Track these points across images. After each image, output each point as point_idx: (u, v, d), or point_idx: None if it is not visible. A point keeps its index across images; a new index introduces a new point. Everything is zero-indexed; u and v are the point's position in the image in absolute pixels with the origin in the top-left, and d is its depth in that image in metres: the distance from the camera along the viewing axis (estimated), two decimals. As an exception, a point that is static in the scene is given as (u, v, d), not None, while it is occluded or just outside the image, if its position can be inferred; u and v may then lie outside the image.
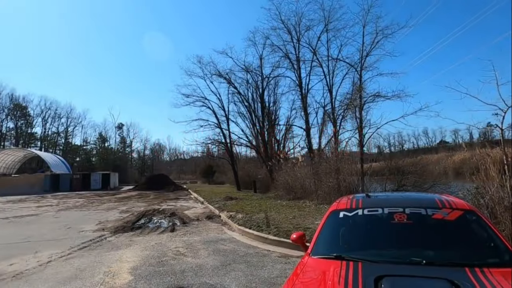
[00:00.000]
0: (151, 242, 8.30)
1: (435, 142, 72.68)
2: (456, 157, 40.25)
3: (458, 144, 56.53)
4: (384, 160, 21.57)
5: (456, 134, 68.85)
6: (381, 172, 16.76)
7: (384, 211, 2.89)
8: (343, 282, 2.05)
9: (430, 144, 72.93)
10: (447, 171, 33.68)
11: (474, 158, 9.14)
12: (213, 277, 5.29)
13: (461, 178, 19.16)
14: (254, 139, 27.79)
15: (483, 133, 39.08)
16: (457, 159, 38.35)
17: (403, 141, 73.87)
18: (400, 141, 73.09)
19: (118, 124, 70.41)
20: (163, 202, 20.09)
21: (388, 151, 52.01)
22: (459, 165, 32.53)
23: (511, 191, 6.77)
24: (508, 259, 2.32)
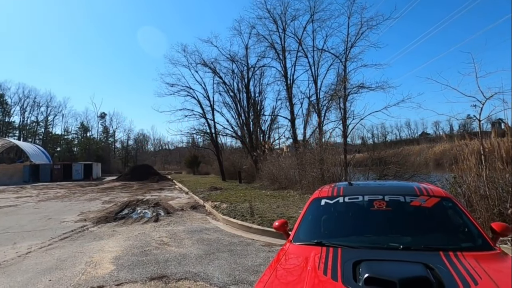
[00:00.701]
0: (134, 232, 8.23)
1: (417, 134, 74.29)
2: (436, 149, 41.30)
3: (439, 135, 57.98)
4: (368, 151, 21.93)
5: (437, 126, 70.51)
6: (364, 163, 17.05)
7: (365, 198, 2.94)
8: (323, 267, 2.08)
9: (412, 135, 74.51)
10: (428, 162, 34.55)
11: (453, 150, 9.41)
12: (197, 265, 5.31)
13: (441, 169, 19.68)
14: (239, 130, 27.73)
15: (463, 125, 40.20)
16: (438, 150, 39.37)
17: (386, 132, 75.22)
18: (383, 133, 74.40)
19: (100, 113, 68.93)
20: (147, 193, 19.91)
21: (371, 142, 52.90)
22: (439, 156, 33.41)
23: (487, 181, 7.01)
24: (481, 243, 2.40)
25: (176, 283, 4.53)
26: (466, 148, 8.50)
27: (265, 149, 20.70)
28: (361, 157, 22.34)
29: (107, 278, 4.81)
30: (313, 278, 1.96)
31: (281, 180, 15.83)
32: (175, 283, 4.53)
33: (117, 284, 4.54)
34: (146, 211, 12.05)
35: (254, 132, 26.21)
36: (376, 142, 63.68)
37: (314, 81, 20.90)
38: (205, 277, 4.74)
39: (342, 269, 1.99)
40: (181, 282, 4.58)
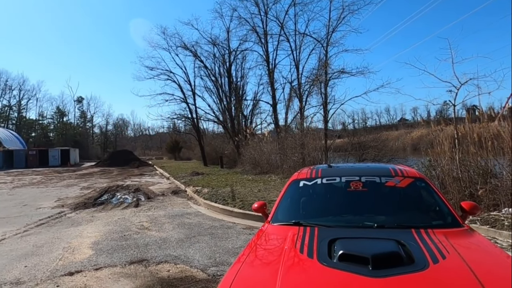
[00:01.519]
0: (114, 217, 8.14)
1: (396, 120, 75.94)
2: (414, 134, 42.47)
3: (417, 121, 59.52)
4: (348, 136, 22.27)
5: (415, 112, 72.27)
6: (344, 148, 17.34)
7: (342, 179, 2.99)
8: (299, 245, 2.12)
9: (391, 121, 76.10)
10: (405, 147, 35.52)
11: (430, 135, 9.70)
12: (177, 249, 5.31)
13: (418, 153, 20.26)
14: (221, 115, 27.52)
15: (440, 111, 41.33)
16: (415, 135, 40.49)
17: (367, 118, 76.39)
18: (363, 118, 75.55)
19: (77, 97, 66.79)
20: (127, 178, 19.63)
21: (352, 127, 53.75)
22: (416, 142, 34.41)
23: (460, 164, 7.28)
24: (451, 221, 2.51)
25: (156, 266, 4.53)
26: (441, 133, 8.78)
27: (247, 134, 20.67)
28: (342, 142, 22.68)
29: (86, 263, 4.76)
30: (289, 256, 2.00)
31: (263, 165, 15.92)
32: (155, 266, 4.53)
33: (96, 269, 4.50)
34: (126, 197, 11.91)
35: (236, 117, 26.06)
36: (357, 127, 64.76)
37: (296, 66, 20.88)
38: (186, 260, 4.76)
39: (318, 247, 2.03)
40: (161, 265, 4.58)
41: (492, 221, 5.71)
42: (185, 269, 4.39)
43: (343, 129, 24.92)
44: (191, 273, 4.24)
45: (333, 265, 1.81)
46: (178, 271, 4.35)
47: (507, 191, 6.29)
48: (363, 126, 65.36)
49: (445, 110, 37.78)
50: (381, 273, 1.66)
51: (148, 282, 4.01)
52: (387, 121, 77.70)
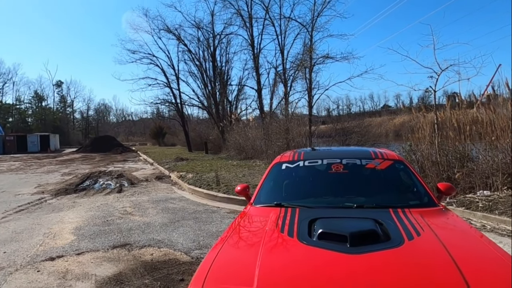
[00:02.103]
0: (96, 203, 8.04)
1: (380, 106, 76.95)
2: (396, 120, 43.21)
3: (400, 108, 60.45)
4: (332, 122, 22.46)
5: (398, 98, 73.30)
6: (328, 133, 17.54)
7: (323, 162, 3.03)
8: (280, 225, 2.15)
9: (375, 108, 77.10)
10: (388, 133, 36.21)
11: (412, 121, 9.91)
12: (161, 233, 5.32)
13: (400, 139, 20.72)
14: (205, 100, 27.20)
15: (421, 98, 42.10)
16: (398, 122, 41.22)
17: (351, 104, 77.17)
18: (348, 105, 76.26)
19: (56, 81, 64.58)
20: (110, 164, 19.33)
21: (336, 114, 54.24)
22: (399, 128, 35.06)
23: (439, 148, 7.48)
24: (427, 201, 2.59)
25: (139, 250, 4.53)
26: (422, 118, 8.97)
27: (232, 120, 20.58)
28: (326, 128, 22.89)
29: (67, 248, 4.71)
30: (270, 236, 2.03)
31: (248, 150, 15.95)
32: (138, 250, 4.53)
33: (77, 254, 4.46)
34: (109, 182, 11.75)
35: (221, 102, 25.84)
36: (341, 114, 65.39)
37: (281, 51, 20.74)
38: (169, 243, 4.78)
39: (298, 227, 2.07)
40: (145, 249, 4.58)
41: (468, 203, 5.94)
42: (169, 253, 4.41)
43: (328, 115, 25.15)
44: (175, 256, 4.26)
45: (312, 243, 1.85)
46: (161, 254, 4.36)
47: (482, 174, 6.54)
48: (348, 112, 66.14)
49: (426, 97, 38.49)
50: (358, 250, 1.70)
51: (132, 265, 4.01)
52: (370, 107, 78.73)
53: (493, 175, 6.35)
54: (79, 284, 3.55)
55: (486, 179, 6.43)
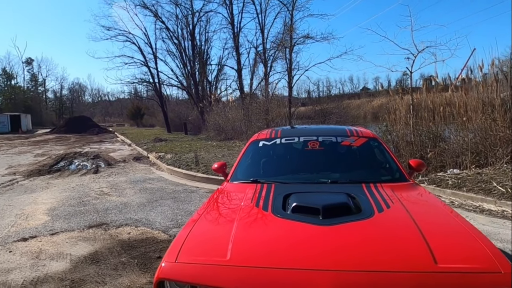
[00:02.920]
0: (71, 184, 7.85)
1: (359, 89, 77.81)
2: (375, 103, 43.96)
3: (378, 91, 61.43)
4: (312, 104, 22.61)
5: (377, 81, 74.25)
6: (308, 114, 17.68)
7: (300, 139, 3.06)
8: (256, 200, 2.17)
9: (354, 90, 77.88)
10: (366, 115, 36.87)
11: (389, 103, 10.11)
12: (139, 212, 5.28)
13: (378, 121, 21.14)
14: (185, 80, 26.64)
15: (400, 80, 42.87)
16: (376, 104, 41.96)
17: (331, 86, 77.62)
18: (328, 87, 76.71)
19: (26, 58, 61.25)
20: (85, 145, 18.82)
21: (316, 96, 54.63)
22: (377, 110, 35.74)
23: (413, 128, 7.70)
24: (398, 176, 2.67)
25: (116, 230, 4.49)
26: (398, 99, 9.17)
27: (211, 100, 20.33)
28: (306, 109, 23.05)
29: (41, 228, 4.61)
30: (245, 210, 2.05)
31: (228, 131, 15.88)
32: (115, 230, 4.49)
33: (51, 234, 4.37)
34: (85, 164, 11.46)
35: (200, 82, 25.38)
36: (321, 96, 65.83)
37: (261, 30, 20.43)
38: (147, 222, 4.76)
39: (273, 202, 2.09)
40: (122, 228, 4.55)
41: (438, 181, 6.19)
42: (146, 231, 4.40)
43: (308, 97, 25.26)
44: (152, 235, 4.26)
45: (286, 216, 1.88)
46: (139, 233, 4.34)
47: (453, 153, 6.80)
48: (328, 94, 66.60)
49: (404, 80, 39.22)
50: (329, 222, 1.75)
51: (108, 244, 3.98)
52: (350, 89, 79.44)
53: (463, 154, 6.62)
54: (53, 263, 3.49)
55: (456, 158, 6.69)
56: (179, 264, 1.55)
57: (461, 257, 1.49)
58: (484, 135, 6.57)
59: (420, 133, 7.69)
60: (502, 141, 6.31)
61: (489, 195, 5.28)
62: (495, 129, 6.48)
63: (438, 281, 1.36)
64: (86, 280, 3.12)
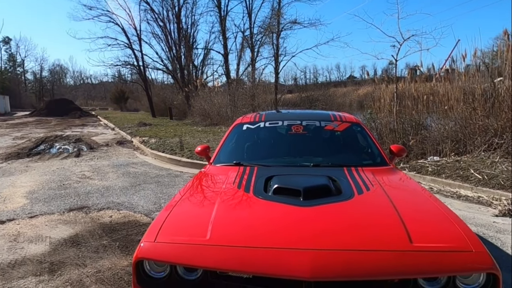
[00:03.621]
0: (52, 167, 7.67)
1: (345, 77, 78.17)
2: (360, 91, 44.35)
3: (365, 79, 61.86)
4: (298, 91, 22.60)
5: (363, 69, 74.70)
6: (294, 101, 17.69)
7: (284, 123, 3.06)
8: (238, 182, 2.17)
9: (340, 78, 78.19)
10: (352, 103, 37.20)
11: (375, 92, 10.21)
12: (121, 196, 5.22)
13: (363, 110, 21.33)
14: (170, 64, 26.11)
15: (385, 69, 43.26)
16: (362, 92, 42.32)
17: (318, 74, 77.70)
18: (315, 74, 76.76)
19: (3, 37, 58.69)
20: (67, 129, 18.35)
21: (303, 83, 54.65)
22: (363, 98, 36.08)
23: (396, 116, 7.81)
24: (379, 161, 2.71)
25: (98, 213, 4.43)
26: (384, 87, 9.26)
27: (197, 85, 20.04)
28: (292, 96, 23.03)
29: (19, 211, 4.50)
30: (227, 192, 2.04)
31: (213, 116, 15.75)
32: (96, 213, 4.43)
33: (30, 217, 4.28)
34: (66, 147, 11.19)
35: (186, 66, 24.95)
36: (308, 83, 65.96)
37: (248, 14, 20.14)
38: (129, 206, 4.71)
39: (255, 184, 2.10)
40: (103, 211, 4.49)
41: (419, 167, 6.34)
42: (129, 215, 4.36)
43: (295, 84, 25.23)
44: (135, 218, 4.23)
45: (267, 197, 1.89)
46: (121, 216, 4.30)
47: (434, 141, 6.95)
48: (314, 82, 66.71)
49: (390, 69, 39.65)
50: (310, 203, 1.76)
51: (89, 227, 3.93)
52: (337, 77, 79.73)
53: (443, 142, 6.77)
54: (32, 246, 3.43)
55: (437, 146, 6.85)
56: (158, 243, 1.54)
57: (436, 237, 1.53)
58: (464, 123, 6.73)
59: (403, 121, 7.82)
60: (480, 130, 6.48)
61: (467, 181, 5.44)
62: (474, 118, 6.64)
63: (413, 259, 1.40)
64: (66, 263, 3.08)
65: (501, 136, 6.11)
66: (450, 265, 1.39)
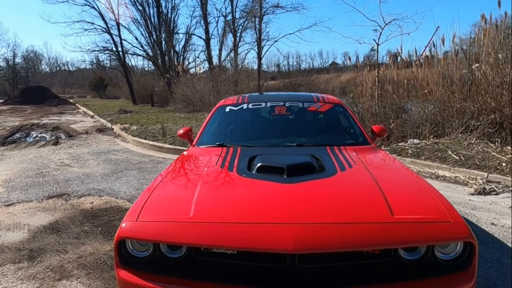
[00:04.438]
0: (28, 155, 7.43)
1: (328, 63, 78.45)
2: (343, 77, 44.65)
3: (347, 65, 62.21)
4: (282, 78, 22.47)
5: (346, 56, 75.14)
6: (277, 87, 17.63)
7: (267, 104, 3.05)
8: (221, 162, 2.15)
9: (323, 64, 78.41)
10: (334, 89, 37.44)
11: (357, 78, 10.29)
12: (102, 183, 5.11)
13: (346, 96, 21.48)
14: (150, 50, 25.43)
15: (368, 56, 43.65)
16: (344, 79, 42.61)
17: (301, 61, 77.62)
18: (298, 61, 76.70)
19: (-29, 22, 55.56)
20: (44, 117, 17.75)
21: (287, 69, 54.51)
22: (345, 84, 36.35)
23: (378, 100, 7.91)
24: (361, 140, 2.75)
25: (78, 199, 4.34)
26: (366, 72, 9.34)
27: (179, 71, 19.66)
28: (275, 83, 22.92)
29: (-5, 200, 4.35)
30: (210, 171, 2.02)
31: (196, 102, 15.54)
32: (77, 200, 4.33)
33: (7, 205, 4.15)
34: (43, 135, 10.84)
35: (167, 52, 24.36)
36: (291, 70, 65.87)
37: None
38: (111, 192, 4.63)
39: (239, 163, 2.08)
40: (84, 198, 4.40)
41: (399, 150, 6.48)
42: (110, 201, 4.28)
43: (278, 71, 25.11)
44: (117, 204, 4.16)
45: (251, 175, 1.88)
46: (102, 202, 4.22)
47: (414, 124, 7.10)
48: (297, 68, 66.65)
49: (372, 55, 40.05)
50: (294, 180, 1.77)
51: (69, 214, 3.85)
52: (320, 64, 79.92)
53: (423, 125, 6.93)
54: (9, 234, 3.34)
55: (417, 129, 7.00)
56: (140, 222, 1.52)
57: (415, 209, 1.57)
58: (443, 106, 6.89)
59: (384, 105, 7.93)
60: (458, 113, 6.65)
61: (444, 162, 5.61)
62: (452, 101, 6.80)
63: (394, 230, 1.43)
64: (46, 249, 3.01)
65: (477, 119, 6.29)
66: (429, 235, 1.43)
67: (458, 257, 1.45)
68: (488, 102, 6.16)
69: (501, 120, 5.94)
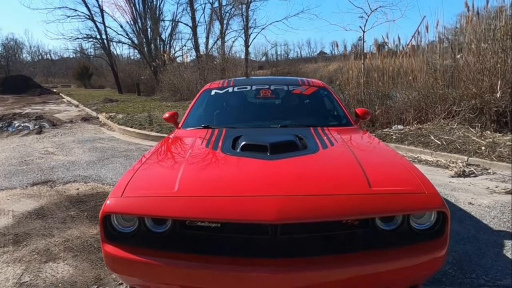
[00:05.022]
0: (11, 144, 7.29)
1: (316, 53, 78.40)
2: (330, 67, 44.77)
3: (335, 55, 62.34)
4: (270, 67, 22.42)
5: (334, 45, 75.19)
6: (264, 75, 17.62)
7: (252, 88, 3.07)
8: (206, 142, 2.18)
9: (311, 54, 78.32)
10: (322, 78, 37.56)
11: (344, 68, 10.35)
12: (88, 170, 5.08)
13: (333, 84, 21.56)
14: (136, 38, 24.92)
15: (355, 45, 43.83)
16: (332, 68, 42.74)
17: (289, 50, 77.29)
18: (286, 50, 76.38)
19: None
20: (26, 106, 17.31)
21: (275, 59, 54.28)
22: (333, 74, 36.47)
23: (364, 87, 8.01)
24: (345, 122, 2.81)
25: (64, 186, 4.31)
26: (352, 59, 9.41)
27: (165, 60, 19.38)
28: (263, 73, 22.84)
29: (-23, 187, 4.28)
30: (195, 149, 2.05)
31: (183, 91, 15.40)
32: (62, 186, 4.30)
33: (-10, 192, 4.09)
34: (26, 124, 10.60)
35: (153, 40, 23.94)
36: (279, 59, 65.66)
37: (217, -15, 19.40)
38: (97, 178, 4.61)
39: (223, 142, 2.11)
40: (70, 184, 4.37)
41: (384, 136, 6.60)
42: (97, 187, 4.27)
43: (266, 60, 25.00)
44: (103, 189, 4.15)
45: (235, 153, 1.92)
46: (88, 188, 4.21)
47: (398, 110, 7.23)
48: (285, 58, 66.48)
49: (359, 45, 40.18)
50: (277, 156, 1.81)
51: (55, 200, 3.83)
52: (307, 53, 79.82)
53: (407, 111, 7.06)
54: (-7, 220, 3.31)
55: (401, 115, 7.13)
56: (125, 198, 1.54)
57: (392, 182, 1.63)
58: (426, 93, 7.02)
59: (370, 92, 8.03)
60: (441, 99, 6.80)
61: (427, 147, 5.76)
62: (436, 87, 6.93)
63: (371, 201, 1.49)
64: (31, 234, 3.01)
65: (459, 104, 6.45)
66: (405, 205, 1.49)
67: (432, 227, 1.52)
68: (470, 88, 6.31)
69: (481, 105, 6.10)
